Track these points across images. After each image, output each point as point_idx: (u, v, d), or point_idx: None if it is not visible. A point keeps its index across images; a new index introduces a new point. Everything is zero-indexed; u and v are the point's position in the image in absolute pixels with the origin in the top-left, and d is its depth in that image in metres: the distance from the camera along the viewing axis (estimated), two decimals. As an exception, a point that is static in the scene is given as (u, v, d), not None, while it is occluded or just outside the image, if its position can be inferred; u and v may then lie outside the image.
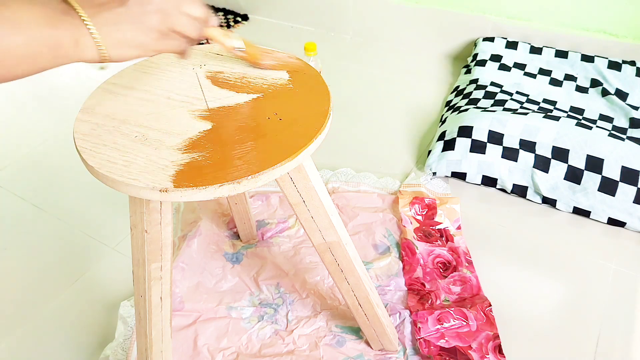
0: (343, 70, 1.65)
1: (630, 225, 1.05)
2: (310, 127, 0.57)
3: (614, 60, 1.38)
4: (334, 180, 1.18)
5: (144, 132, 0.57)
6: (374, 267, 0.99)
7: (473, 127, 1.16)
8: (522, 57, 1.46)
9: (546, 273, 0.98)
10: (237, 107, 0.61)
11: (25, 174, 1.27)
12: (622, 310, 0.91)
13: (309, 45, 1.34)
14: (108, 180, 0.51)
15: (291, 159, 0.53)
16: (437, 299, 0.92)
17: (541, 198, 1.12)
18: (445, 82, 1.56)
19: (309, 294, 0.94)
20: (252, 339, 0.87)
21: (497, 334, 0.86)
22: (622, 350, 0.85)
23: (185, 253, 1.01)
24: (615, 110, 1.28)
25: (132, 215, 0.60)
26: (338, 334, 0.87)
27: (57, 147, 1.35)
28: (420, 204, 1.10)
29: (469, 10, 1.59)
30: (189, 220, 1.10)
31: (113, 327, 0.90)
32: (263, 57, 0.68)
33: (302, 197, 0.63)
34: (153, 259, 0.61)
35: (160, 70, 0.68)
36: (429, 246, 1.03)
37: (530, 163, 1.12)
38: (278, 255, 1.02)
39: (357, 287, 0.73)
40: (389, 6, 1.70)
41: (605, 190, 1.06)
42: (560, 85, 1.37)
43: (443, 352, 0.83)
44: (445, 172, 1.18)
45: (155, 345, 0.68)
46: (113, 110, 0.60)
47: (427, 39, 1.70)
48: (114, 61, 0.49)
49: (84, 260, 1.04)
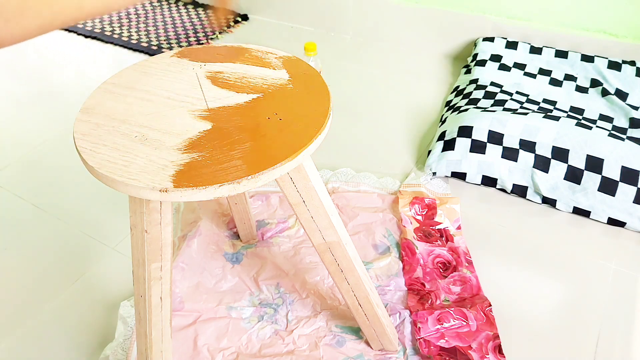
0: (343, 70, 1.65)
1: (630, 225, 1.05)
2: (310, 127, 0.57)
3: (614, 60, 1.38)
4: (334, 180, 1.18)
5: (144, 132, 0.57)
6: (374, 267, 0.99)
7: (473, 127, 1.16)
8: (522, 57, 1.46)
9: (546, 273, 0.98)
10: (237, 107, 0.61)
11: (25, 174, 1.27)
12: (622, 310, 0.91)
13: (309, 45, 1.34)
14: (108, 180, 0.51)
15: (291, 159, 0.53)
16: (437, 299, 0.92)
17: (541, 198, 1.12)
18: (445, 82, 1.57)
19: (309, 294, 0.94)
20: (252, 339, 0.87)
21: (497, 334, 0.86)
22: (622, 350, 0.85)
23: (185, 253, 1.01)
24: (615, 110, 1.28)
25: (132, 215, 0.60)
26: (338, 334, 0.87)
27: (57, 147, 1.35)
28: (420, 204, 1.10)
29: (469, 10, 1.59)
30: (189, 220, 1.10)
31: (113, 327, 0.90)
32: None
33: (302, 197, 0.63)
34: (153, 259, 0.61)
35: (160, 70, 0.68)
36: (429, 246, 1.03)
37: (530, 163, 1.12)
38: (278, 255, 1.02)
39: (357, 287, 0.73)
40: (389, 6, 1.70)
41: (605, 190, 1.06)
42: (560, 85, 1.37)
43: (443, 352, 0.83)
44: (445, 172, 1.18)
45: (155, 345, 0.68)
46: (113, 110, 0.60)
47: (427, 39, 1.70)
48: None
49: (84, 260, 1.04)
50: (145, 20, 2.02)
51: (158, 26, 1.97)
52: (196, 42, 1.85)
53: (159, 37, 1.88)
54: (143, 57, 1.76)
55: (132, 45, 1.83)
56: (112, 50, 1.82)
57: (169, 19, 2.02)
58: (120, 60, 1.76)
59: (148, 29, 1.95)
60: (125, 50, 1.82)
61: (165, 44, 1.83)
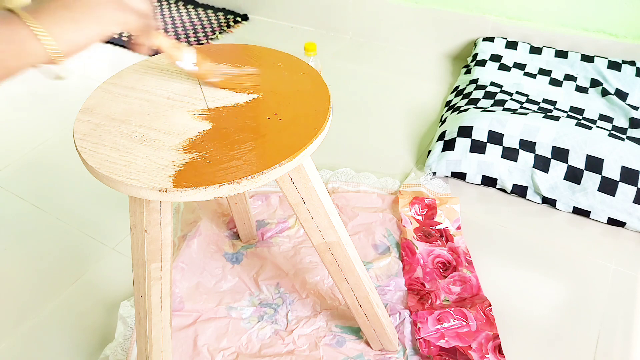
0: (343, 70, 1.65)
1: (630, 225, 1.05)
2: (310, 127, 0.57)
3: (613, 60, 1.38)
4: (334, 180, 1.18)
5: (144, 132, 0.57)
6: (374, 267, 0.99)
7: (473, 127, 1.16)
8: (522, 57, 1.46)
9: (546, 273, 0.98)
10: (237, 107, 0.61)
11: (25, 174, 1.27)
12: (621, 310, 0.91)
13: (309, 45, 1.34)
14: (108, 180, 0.51)
15: (291, 159, 0.53)
16: (437, 299, 0.92)
17: (541, 198, 1.12)
18: (445, 82, 1.56)
19: (309, 294, 0.94)
20: (252, 339, 0.87)
21: (497, 334, 0.86)
22: (622, 350, 0.85)
23: (185, 253, 1.01)
24: (615, 110, 1.28)
25: (132, 215, 0.60)
26: (338, 334, 0.87)
27: (57, 147, 1.35)
28: (420, 204, 1.10)
29: (469, 10, 1.60)
30: (188, 220, 1.10)
31: (113, 327, 0.90)
32: (215, 73, 0.64)
33: (302, 197, 0.63)
34: (153, 259, 0.61)
35: (160, 70, 0.68)
36: (429, 246, 1.03)
37: (530, 163, 1.12)
38: (278, 256, 1.02)
39: (357, 287, 0.73)
40: (389, 6, 1.71)
41: (605, 190, 1.06)
42: (560, 85, 1.37)
43: (443, 352, 0.83)
44: (445, 172, 1.18)
45: (155, 345, 0.68)
46: (113, 110, 0.60)
47: (427, 39, 1.70)
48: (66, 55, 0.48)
49: (84, 260, 1.04)
50: (145, 20, 2.01)
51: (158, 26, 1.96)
52: (196, 42, 1.85)
53: (159, 37, 1.88)
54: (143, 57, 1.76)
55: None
56: (112, 50, 1.82)
57: (169, 19, 2.02)
58: (120, 60, 1.76)
59: (148, 29, 1.94)
60: (125, 50, 1.82)
61: (165, 44, 1.83)
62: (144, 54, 0.58)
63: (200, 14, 2.06)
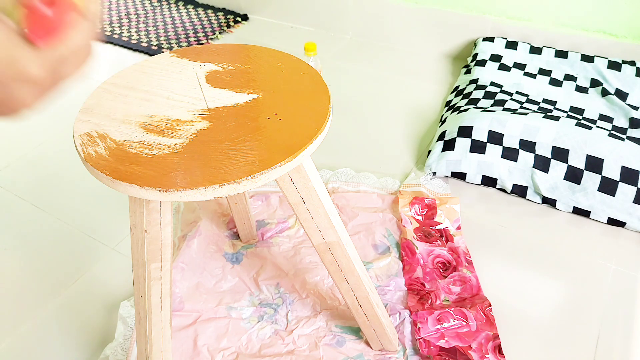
0: (343, 70, 1.65)
1: (630, 225, 1.05)
2: (310, 127, 0.57)
3: (613, 60, 1.38)
4: (334, 180, 1.18)
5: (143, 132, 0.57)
6: (374, 267, 0.99)
7: (473, 127, 1.16)
8: (522, 57, 1.46)
9: (546, 273, 0.98)
10: (237, 107, 0.61)
11: (25, 174, 1.27)
12: (621, 310, 0.91)
13: (309, 45, 1.34)
14: (108, 180, 0.51)
15: (291, 159, 0.53)
16: (437, 299, 0.92)
17: (541, 198, 1.12)
18: (445, 82, 1.56)
19: (309, 294, 0.94)
20: (252, 339, 0.87)
21: (497, 334, 0.86)
22: (622, 350, 0.85)
23: (185, 253, 1.01)
24: (615, 110, 1.28)
25: (132, 215, 0.60)
26: (338, 334, 0.87)
27: (56, 147, 1.35)
28: (420, 204, 1.10)
29: (469, 10, 1.59)
30: (189, 220, 1.10)
31: (113, 327, 0.90)
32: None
33: (302, 197, 0.63)
34: (153, 259, 0.61)
35: (160, 70, 0.68)
36: (429, 246, 1.03)
37: (530, 163, 1.12)
38: (278, 256, 1.02)
39: (357, 287, 0.73)
40: (389, 6, 1.70)
41: (605, 190, 1.06)
42: (560, 85, 1.37)
43: (443, 352, 0.83)
44: (445, 172, 1.18)
45: (155, 345, 0.68)
46: (113, 110, 0.60)
47: (427, 39, 1.70)
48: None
49: (84, 260, 1.04)
50: (145, 20, 2.02)
51: (158, 26, 1.97)
52: (196, 42, 1.85)
53: (159, 37, 1.88)
54: (143, 57, 1.76)
55: (132, 45, 1.83)
56: (112, 50, 1.82)
57: (169, 19, 2.02)
58: (120, 60, 1.76)
59: (148, 29, 1.95)
60: (125, 50, 1.82)
61: (165, 44, 1.83)
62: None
63: (200, 14, 2.06)
